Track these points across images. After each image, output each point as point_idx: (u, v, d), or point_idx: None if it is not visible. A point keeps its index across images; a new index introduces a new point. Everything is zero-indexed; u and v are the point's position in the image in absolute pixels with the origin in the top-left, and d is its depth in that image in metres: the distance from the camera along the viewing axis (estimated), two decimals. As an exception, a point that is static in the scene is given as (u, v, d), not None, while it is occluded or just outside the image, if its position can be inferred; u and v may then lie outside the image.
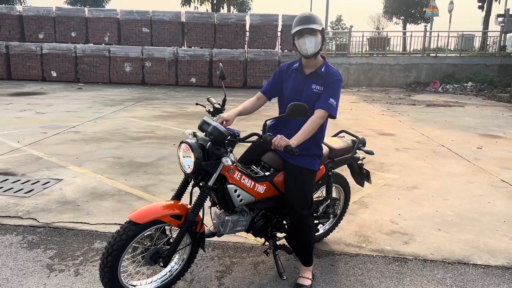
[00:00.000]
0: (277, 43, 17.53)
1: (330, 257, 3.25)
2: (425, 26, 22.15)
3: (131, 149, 6.34)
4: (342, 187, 3.43)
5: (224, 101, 2.78)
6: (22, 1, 26.90)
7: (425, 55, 19.76)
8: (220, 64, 3.06)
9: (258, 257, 3.20)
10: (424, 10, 31.30)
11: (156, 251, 2.51)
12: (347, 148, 3.20)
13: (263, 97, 2.91)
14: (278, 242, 2.97)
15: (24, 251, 3.17)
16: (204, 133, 2.55)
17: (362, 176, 3.44)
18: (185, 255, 2.69)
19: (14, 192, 4.38)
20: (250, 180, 2.68)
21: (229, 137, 2.50)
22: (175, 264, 2.71)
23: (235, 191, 2.57)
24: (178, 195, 2.68)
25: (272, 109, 5.21)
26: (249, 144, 2.89)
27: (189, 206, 2.57)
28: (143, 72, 16.97)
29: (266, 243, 3.01)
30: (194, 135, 2.62)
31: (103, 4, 34.55)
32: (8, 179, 4.80)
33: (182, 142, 2.50)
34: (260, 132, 2.51)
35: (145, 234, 2.46)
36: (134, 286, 2.54)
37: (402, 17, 36.00)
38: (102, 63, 16.91)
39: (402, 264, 3.18)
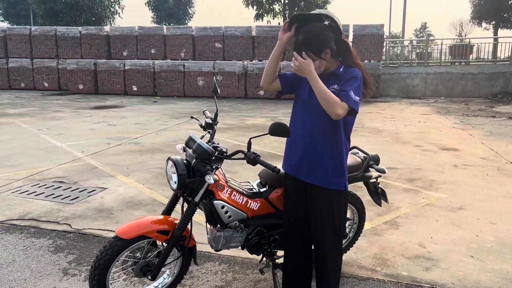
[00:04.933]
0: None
1: (337, 280, 3.10)
2: (515, 31, 20.28)
3: (180, 161, 6.59)
4: (356, 207, 3.26)
5: (216, 115, 2.81)
6: (111, 22, 29.33)
7: (514, 62, 18.09)
8: (214, 78, 3.10)
9: (262, 275, 3.15)
10: (517, 13, 28.73)
11: (145, 264, 2.58)
12: (355, 165, 3.04)
13: (277, 80, 2.79)
14: (277, 261, 2.91)
15: (49, 254, 3.45)
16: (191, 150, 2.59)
17: (378, 195, 3.26)
18: (176, 268, 2.74)
19: (62, 199, 4.79)
20: (242, 196, 2.67)
21: (216, 154, 2.52)
22: (167, 276, 2.78)
23: (223, 207, 2.58)
24: (168, 210, 2.74)
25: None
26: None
27: (177, 221, 2.62)
28: (214, 85, 17.57)
29: (264, 260, 2.96)
30: (184, 150, 2.68)
31: (186, 21, 36.52)
32: (61, 186, 5.26)
33: (169, 159, 2.57)
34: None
35: (134, 248, 2.56)
36: (125, 296, 2.64)
37: (493, 22, 33.26)
38: (177, 78, 17.84)
39: (414, 292, 2.93)
